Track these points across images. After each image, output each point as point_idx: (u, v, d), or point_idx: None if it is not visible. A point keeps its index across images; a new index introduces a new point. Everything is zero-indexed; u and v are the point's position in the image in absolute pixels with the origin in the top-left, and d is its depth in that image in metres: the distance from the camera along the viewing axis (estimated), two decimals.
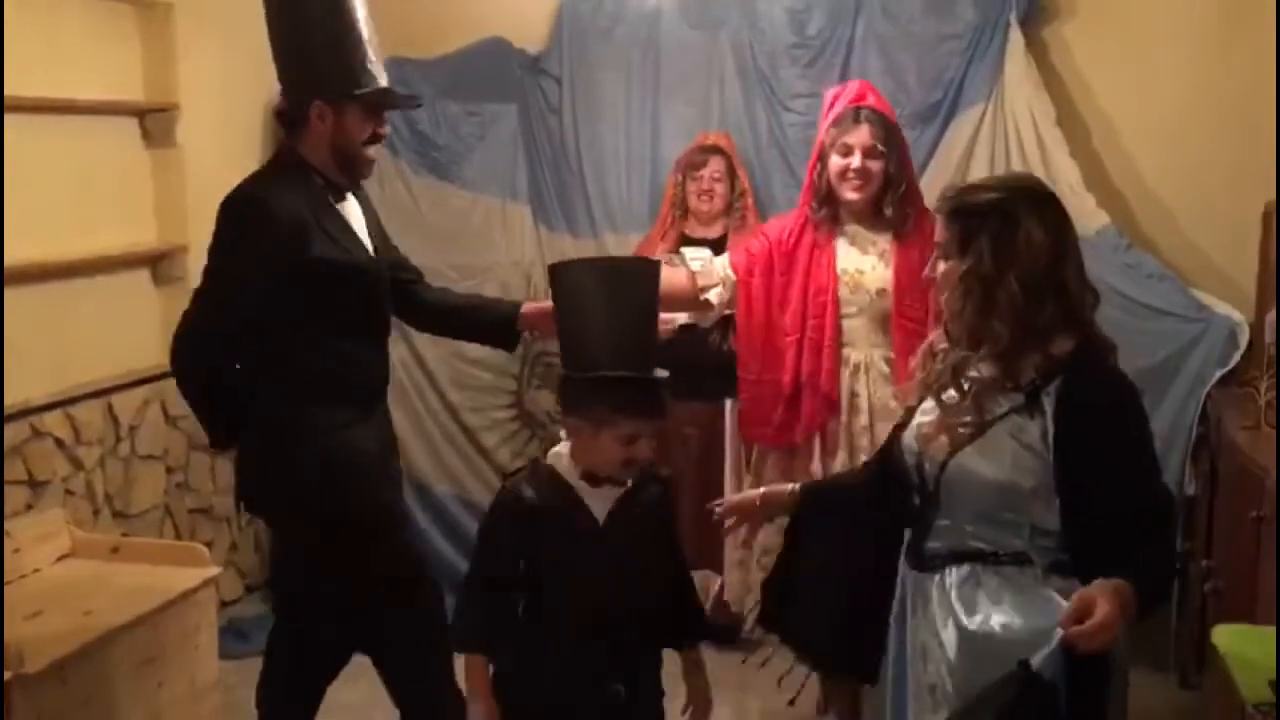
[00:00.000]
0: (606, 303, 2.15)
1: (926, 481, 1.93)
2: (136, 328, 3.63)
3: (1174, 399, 3.51)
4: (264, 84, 4.13)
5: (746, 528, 2.65)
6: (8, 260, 3.13)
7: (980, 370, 1.87)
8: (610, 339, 2.14)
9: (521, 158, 4.16)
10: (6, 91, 3.11)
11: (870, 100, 3.07)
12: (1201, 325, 3.49)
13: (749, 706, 3.52)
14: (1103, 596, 1.65)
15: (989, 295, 1.82)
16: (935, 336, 2.00)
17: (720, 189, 3.82)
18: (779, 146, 4.01)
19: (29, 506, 3.17)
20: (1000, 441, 1.83)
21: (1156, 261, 3.67)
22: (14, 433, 3.13)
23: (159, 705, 2.96)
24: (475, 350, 4.16)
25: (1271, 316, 3.05)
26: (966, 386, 1.87)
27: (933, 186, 3.86)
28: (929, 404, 1.96)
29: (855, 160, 3.01)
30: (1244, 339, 3.42)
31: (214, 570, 3.18)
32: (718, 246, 3.83)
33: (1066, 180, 3.70)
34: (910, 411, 2.04)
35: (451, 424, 4.19)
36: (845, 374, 3.09)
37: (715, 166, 3.81)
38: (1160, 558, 1.80)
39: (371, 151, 2.63)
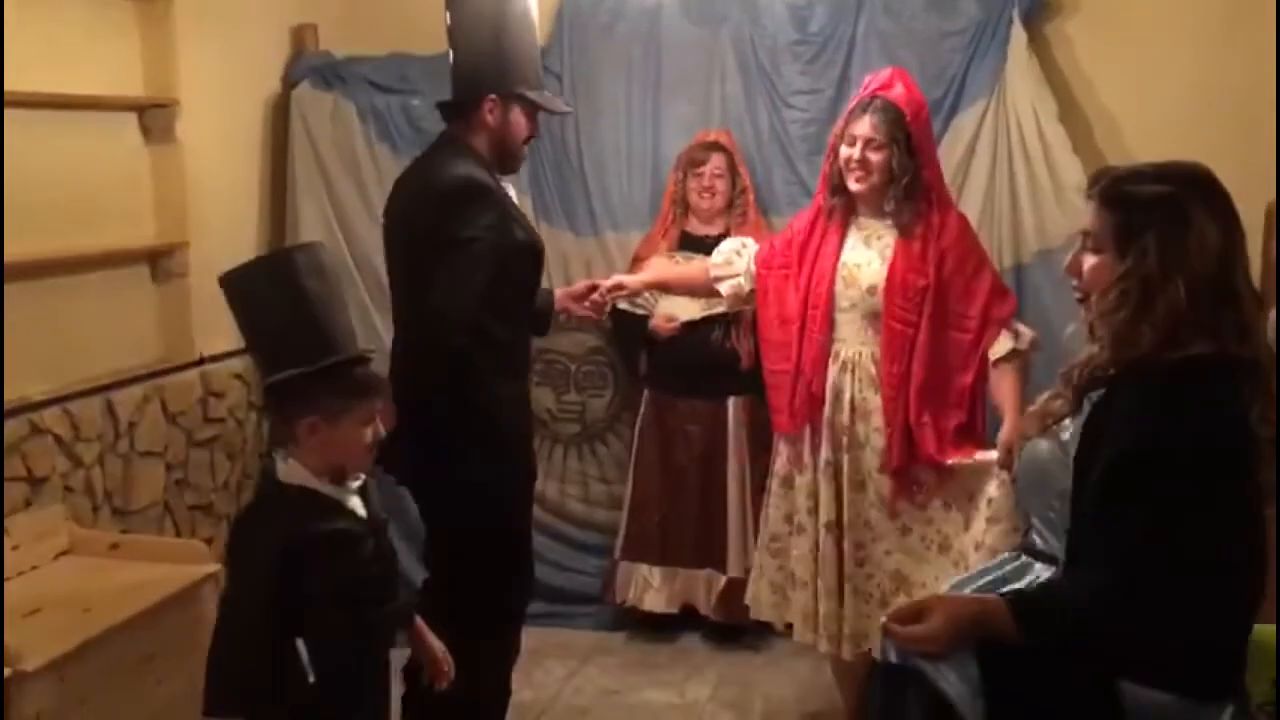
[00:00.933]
0: (293, 295, 2.10)
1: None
2: (136, 324, 3.62)
3: None
4: (264, 79, 4.17)
5: None
6: (8, 256, 3.12)
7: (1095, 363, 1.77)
8: (312, 329, 2.09)
9: None
10: (8, 86, 3.10)
11: (894, 90, 2.98)
12: None
13: (752, 704, 3.51)
14: (943, 611, 1.59)
15: (1149, 298, 1.67)
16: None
17: (721, 186, 3.81)
18: (780, 143, 4.00)
19: (28, 503, 3.15)
20: (1051, 440, 1.80)
21: None
22: (13, 429, 3.12)
23: (158, 703, 2.94)
24: None
25: (1273, 315, 3.03)
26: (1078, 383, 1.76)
27: None
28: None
29: (856, 151, 2.99)
30: None
31: (214, 567, 3.16)
32: (718, 244, 3.82)
33: (1069, 178, 3.69)
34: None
35: None
36: (834, 369, 3.05)
37: (716, 164, 3.80)
38: (1104, 599, 1.59)
39: (525, 150, 2.83)
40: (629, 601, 3.88)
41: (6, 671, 2.50)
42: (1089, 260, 1.78)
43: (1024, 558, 1.92)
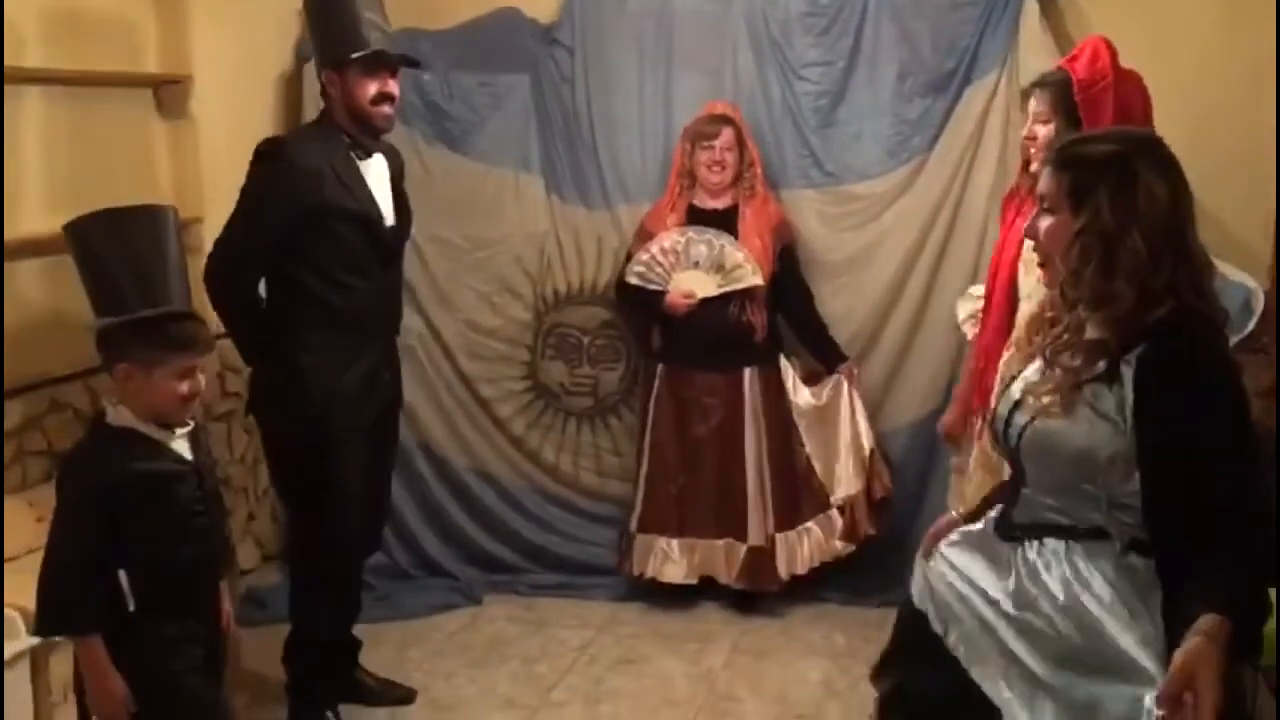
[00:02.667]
0: (123, 248, 2.29)
1: (1012, 449, 1.88)
2: None
3: None
4: (276, 55, 4.18)
5: None
6: (28, 231, 3.16)
7: (1090, 334, 1.79)
8: (135, 282, 2.27)
9: (534, 128, 4.16)
10: (25, 64, 3.12)
11: (1077, 60, 2.94)
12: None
13: (766, 672, 3.55)
14: (1203, 663, 1.54)
15: (1111, 254, 1.71)
16: (1047, 300, 1.90)
17: (731, 159, 3.82)
18: (792, 116, 4.01)
19: (49, 476, 3.19)
20: (1079, 409, 1.76)
21: None
22: (34, 404, 3.16)
23: None
24: (489, 321, 4.19)
25: None
26: (1081, 352, 1.78)
27: (945, 156, 3.90)
28: (1031, 370, 1.89)
29: (1027, 128, 2.97)
30: (1259, 306, 3.41)
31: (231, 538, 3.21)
32: (726, 217, 3.85)
33: None
34: (1008, 380, 1.98)
35: (466, 395, 4.22)
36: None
37: (727, 138, 3.81)
38: (1252, 567, 1.62)
39: (385, 109, 3.02)
40: (648, 573, 3.91)
41: (34, 640, 2.55)
42: (1045, 221, 1.82)
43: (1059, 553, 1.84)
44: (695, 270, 3.81)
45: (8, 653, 2.53)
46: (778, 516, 3.89)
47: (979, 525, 2.00)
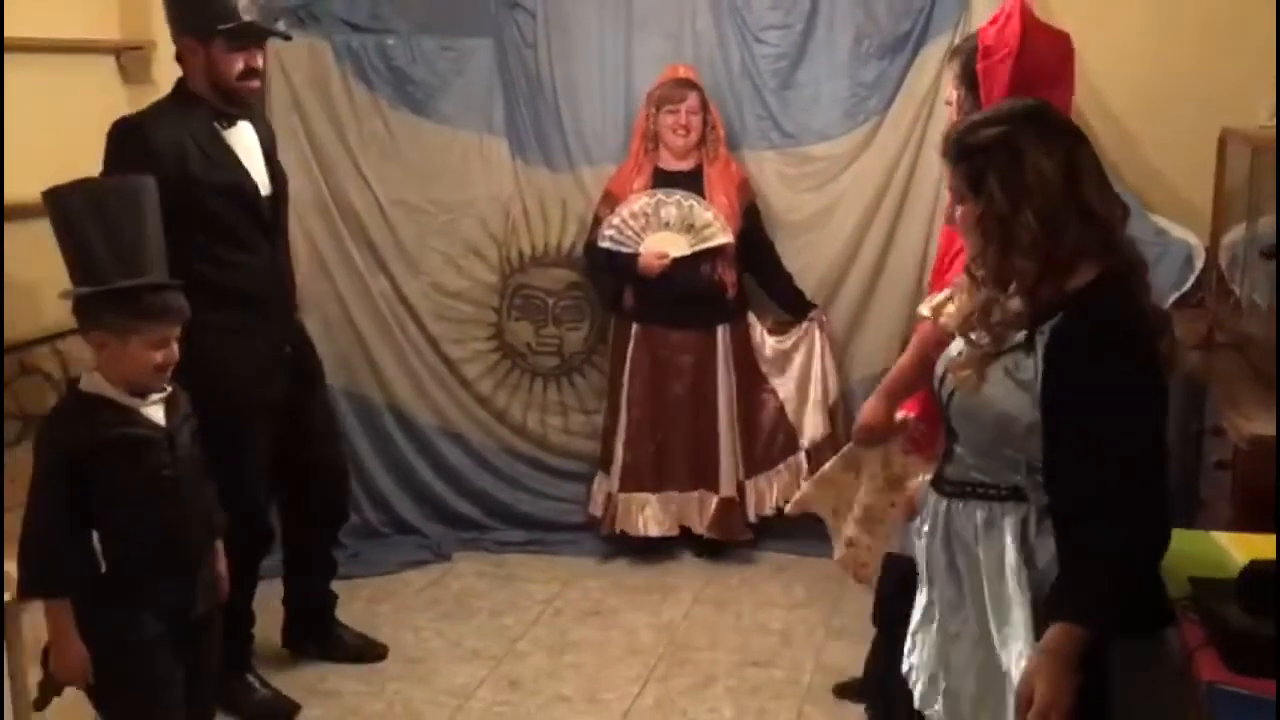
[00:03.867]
0: (102, 220, 2.31)
1: (944, 409, 1.95)
2: None
3: None
4: None
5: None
6: None
7: (1008, 307, 1.84)
8: (113, 252, 2.30)
9: (498, 92, 4.19)
10: None
11: (988, 34, 2.93)
12: (1159, 249, 3.58)
13: (724, 622, 3.66)
14: (1039, 677, 1.66)
15: (1008, 234, 1.76)
16: (960, 279, 1.98)
17: (696, 123, 3.89)
18: (751, 79, 4.07)
19: (20, 439, 3.25)
20: (998, 377, 1.82)
21: (1119, 187, 3.73)
22: (3, 368, 3.21)
23: None
24: (455, 283, 4.25)
25: (1229, 238, 3.13)
26: (994, 323, 1.83)
27: (901, 117, 3.97)
28: (955, 345, 1.96)
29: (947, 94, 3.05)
30: (1199, 262, 3.51)
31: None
32: (691, 179, 3.92)
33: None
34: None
35: (433, 356, 4.29)
36: None
37: (692, 101, 3.87)
38: (1112, 560, 1.69)
39: (253, 84, 2.93)
40: (631, 531, 4.02)
41: (6, 596, 2.62)
42: (957, 211, 1.88)
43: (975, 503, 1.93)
44: (666, 231, 3.88)
45: None
46: (747, 464, 4.03)
47: None
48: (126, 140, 2.81)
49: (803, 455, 4.03)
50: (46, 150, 3.42)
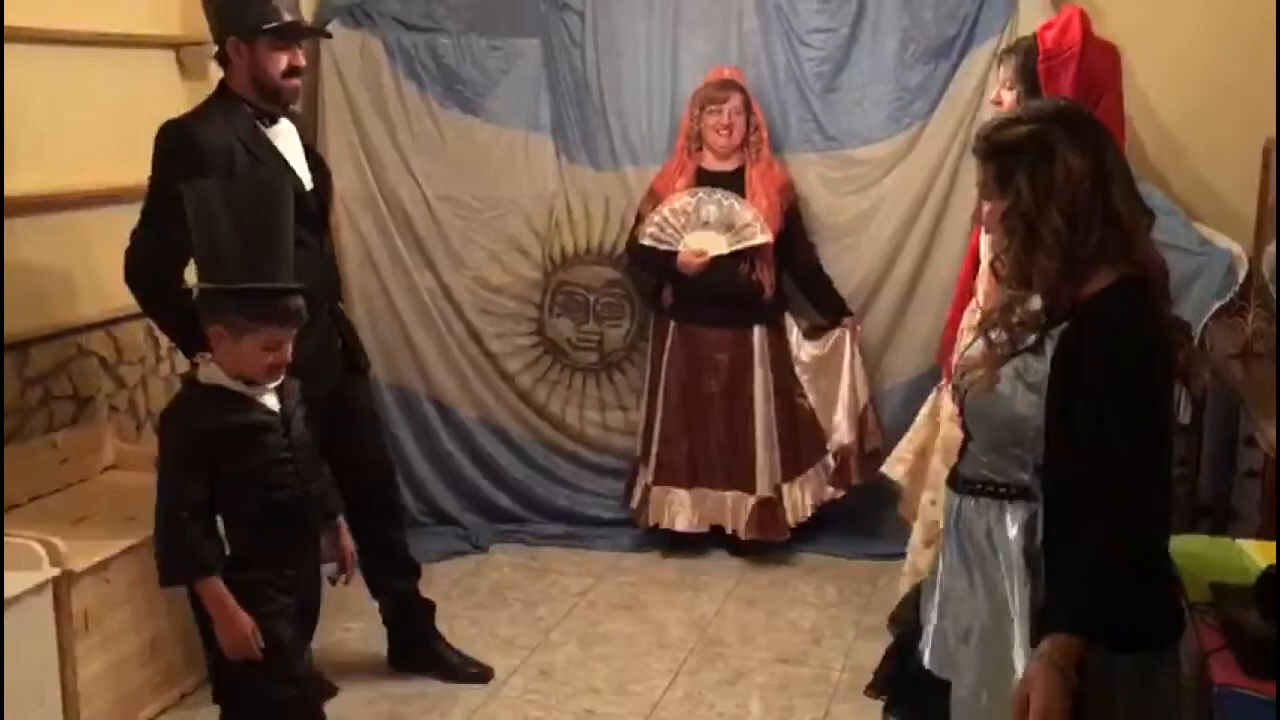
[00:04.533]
0: (236, 219, 2.32)
1: (962, 410, 1.97)
2: None
3: None
4: None
5: None
6: (54, 187, 3.31)
7: (1027, 307, 1.85)
8: (242, 253, 2.31)
9: (544, 91, 4.25)
10: (52, 25, 3.26)
11: (1049, 37, 3.10)
12: (1202, 258, 3.56)
13: (755, 619, 3.69)
14: (1034, 687, 1.68)
15: (1033, 231, 1.77)
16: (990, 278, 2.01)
17: (739, 123, 3.92)
18: (796, 81, 4.09)
19: (75, 420, 3.37)
20: (1009, 378, 1.84)
21: (1163, 195, 3.73)
22: (61, 351, 3.32)
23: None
24: (499, 278, 4.32)
25: (1270, 250, 3.12)
26: (1014, 323, 1.85)
27: (944, 122, 3.97)
28: (974, 343, 1.98)
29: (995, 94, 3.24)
30: (1242, 272, 3.49)
31: None
32: (734, 179, 3.95)
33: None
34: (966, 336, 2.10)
35: (476, 350, 4.35)
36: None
37: (735, 102, 3.90)
38: (1110, 565, 1.69)
39: (295, 82, 2.97)
40: (663, 524, 4.07)
41: (55, 570, 2.72)
42: (985, 208, 1.89)
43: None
44: (706, 230, 3.92)
45: (30, 583, 2.69)
46: (784, 468, 4.04)
47: None
48: (175, 142, 2.86)
49: (830, 459, 4.04)
50: (107, 142, 3.54)
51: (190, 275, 2.68)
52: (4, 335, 3.05)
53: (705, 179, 3.96)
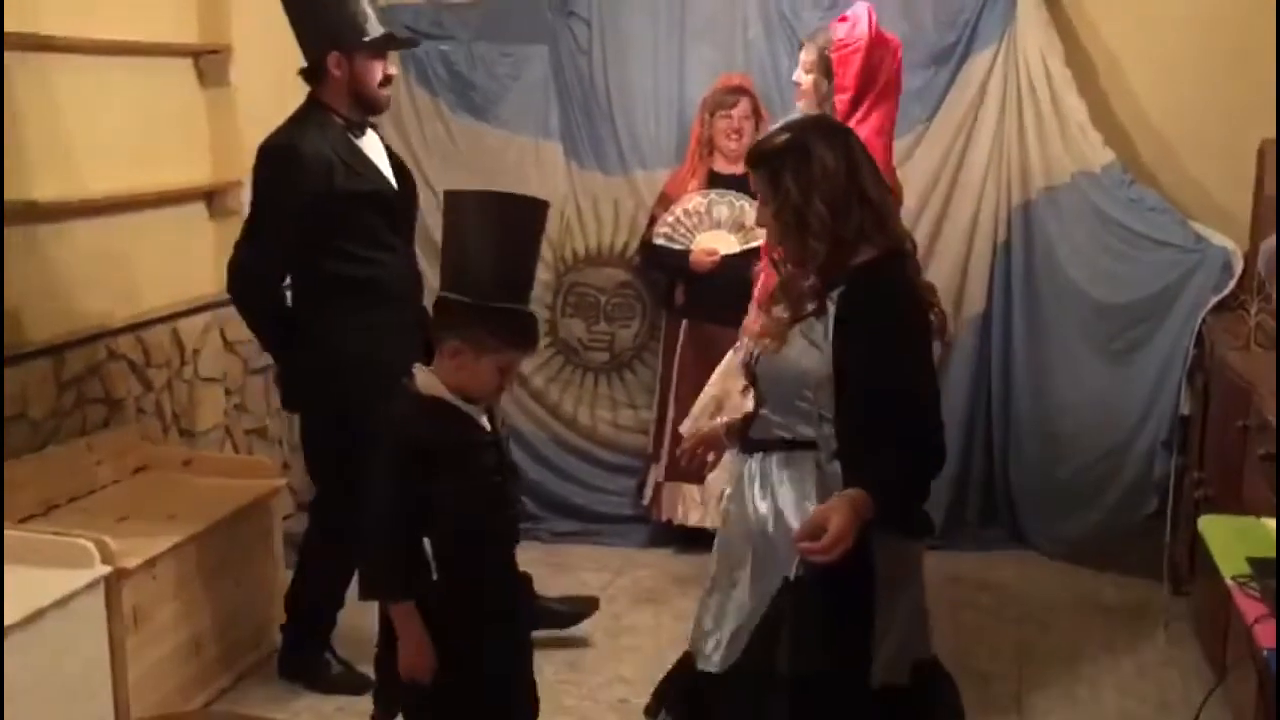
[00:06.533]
0: (496, 235, 2.22)
1: (753, 378, 2.23)
2: (196, 258, 3.85)
3: (1172, 325, 3.74)
4: None
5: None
6: (81, 194, 3.36)
7: (803, 282, 2.14)
8: (498, 270, 2.20)
9: (553, 97, 4.34)
10: (73, 33, 3.30)
11: (840, 29, 3.26)
12: (1198, 256, 3.71)
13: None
14: (836, 512, 1.92)
15: (803, 221, 2.06)
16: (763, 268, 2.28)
17: (748, 127, 4.02)
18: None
19: (106, 423, 3.41)
20: (795, 339, 2.11)
21: (1158, 195, 3.88)
22: (92, 354, 3.36)
23: (235, 603, 3.23)
24: None
25: (1267, 244, 3.26)
26: (793, 297, 2.15)
27: (944, 127, 4.10)
28: (763, 315, 2.26)
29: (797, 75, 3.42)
30: (1238, 268, 3.64)
31: (281, 481, 3.44)
32: (744, 182, 4.03)
33: (1075, 119, 3.91)
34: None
35: None
36: None
37: (744, 107, 4.01)
38: (902, 458, 2.00)
39: (387, 91, 3.12)
40: (676, 519, 4.15)
41: (106, 568, 2.77)
42: (762, 210, 2.18)
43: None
44: (718, 230, 4.01)
45: (81, 581, 2.73)
46: None
47: None
48: (280, 161, 2.96)
49: None
50: (132, 148, 3.59)
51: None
52: (3, 342, 3.04)
53: (716, 182, 4.06)
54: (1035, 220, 4.03)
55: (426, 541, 2.22)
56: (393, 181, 3.14)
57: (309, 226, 2.96)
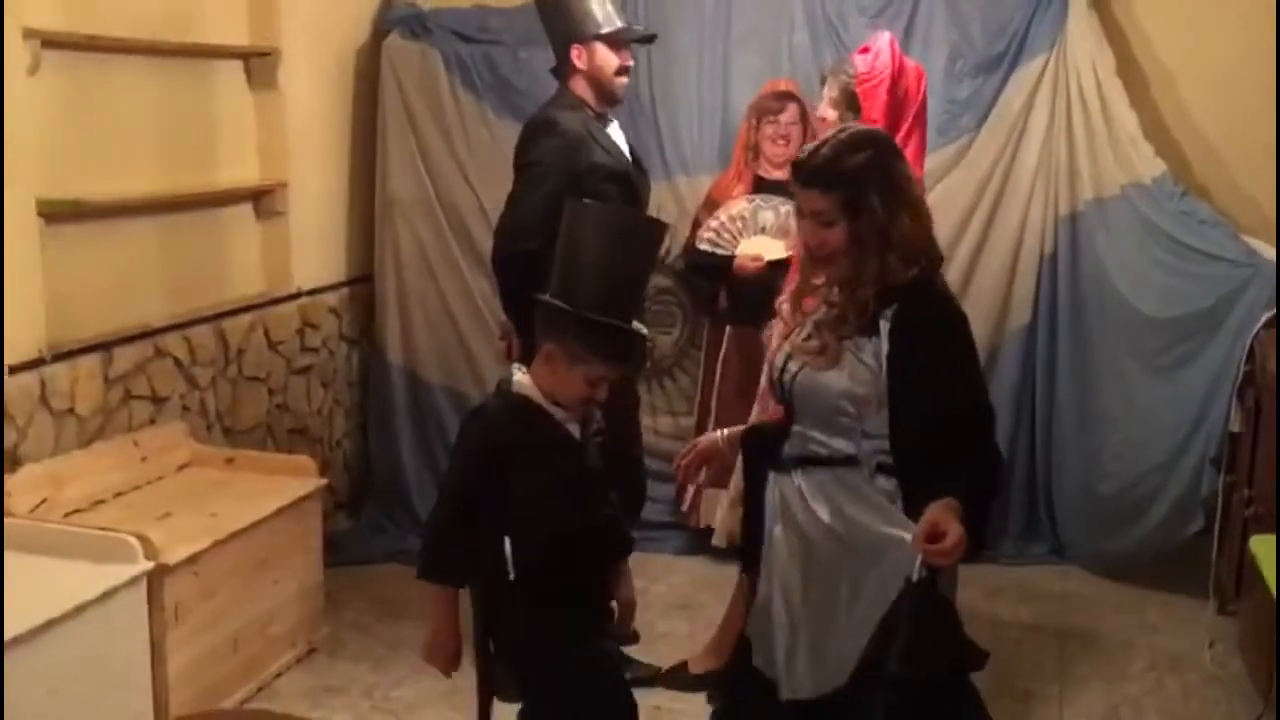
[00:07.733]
0: (610, 251, 2.23)
1: (786, 394, 2.20)
2: (242, 258, 3.89)
3: (1223, 341, 3.67)
4: (356, 30, 4.39)
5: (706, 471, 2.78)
6: (130, 193, 3.40)
7: (859, 298, 2.11)
8: (606, 285, 2.21)
9: None
10: (127, 35, 3.34)
11: (861, 62, 3.30)
12: (1250, 270, 3.64)
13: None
14: (949, 519, 1.90)
15: (885, 240, 2.05)
16: (802, 280, 2.25)
17: (795, 134, 3.99)
18: None
19: (152, 420, 3.44)
20: (843, 358, 2.10)
21: (1209, 208, 3.82)
22: (139, 351, 3.40)
23: (274, 601, 3.25)
24: None
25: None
26: (853, 314, 2.11)
27: (992, 136, 4.06)
28: (798, 334, 2.21)
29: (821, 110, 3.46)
30: None
31: (322, 481, 3.46)
32: (789, 188, 4.03)
33: (1125, 130, 3.86)
34: (780, 340, 2.33)
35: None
36: None
37: (791, 113, 3.98)
38: (980, 471, 2.03)
39: (625, 80, 3.30)
40: (711, 524, 4.13)
41: (150, 563, 2.80)
42: (827, 233, 2.11)
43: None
44: (763, 235, 3.99)
45: (124, 576, 2.76)
46: None
47: None
48: (545, 131, 3.18)
49: None
50: (182, 149, 3.63)
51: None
52: (3, 343, 3.01)
53: (763, 187, 4.03)
54: (1083, 232, 3.98)
55: (508, 542, 2.22)
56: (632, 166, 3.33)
57: (566, 194, 2.91)
